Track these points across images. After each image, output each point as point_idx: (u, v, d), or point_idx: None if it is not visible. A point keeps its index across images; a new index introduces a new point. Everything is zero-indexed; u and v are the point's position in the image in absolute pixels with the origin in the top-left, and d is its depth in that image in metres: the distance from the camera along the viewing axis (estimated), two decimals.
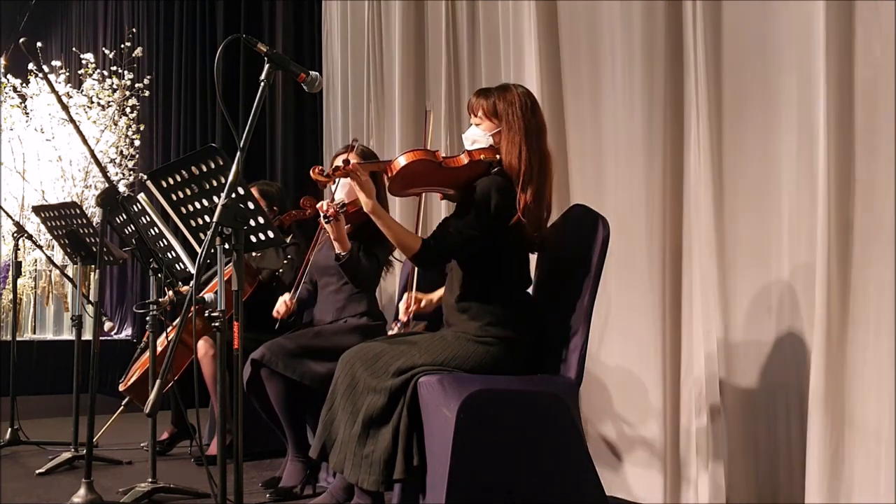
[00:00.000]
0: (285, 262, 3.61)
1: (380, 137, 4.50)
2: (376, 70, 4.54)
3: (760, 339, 2.56)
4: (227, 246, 2.04)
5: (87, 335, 4.63)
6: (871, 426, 2.15)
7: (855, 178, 2.20)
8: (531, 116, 2.38)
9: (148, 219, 3.01)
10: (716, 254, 2.64)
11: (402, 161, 2.35)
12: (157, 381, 1.88)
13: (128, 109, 6.34)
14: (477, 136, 2.43)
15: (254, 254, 3.61)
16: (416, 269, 2.75)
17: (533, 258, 2.57)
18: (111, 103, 6.29)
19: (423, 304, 2.77)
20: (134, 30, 6.80)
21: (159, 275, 2.92)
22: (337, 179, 2.68)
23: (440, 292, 2.68)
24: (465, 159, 2.37)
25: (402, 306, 2.77)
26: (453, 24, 3.85)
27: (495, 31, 3.61)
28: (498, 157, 2.38)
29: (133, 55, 6.35)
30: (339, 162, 3.10)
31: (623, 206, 2.94)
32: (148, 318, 2.90)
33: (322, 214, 2.72)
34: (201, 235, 2.41)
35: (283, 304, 3.15)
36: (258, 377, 2.94)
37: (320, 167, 2.47)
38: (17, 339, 4.12)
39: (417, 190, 2.55)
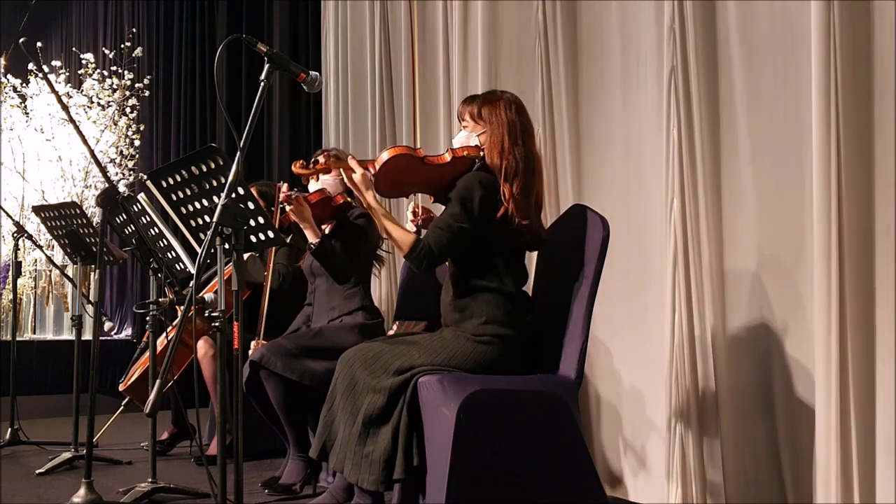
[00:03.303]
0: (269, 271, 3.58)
1: (383, 141, 4.48)
2: (382, 72, 4.50)
3: (756, 337, 2.56)
4: (227, 246, 2.05)
5: (87, 335, 4.64)
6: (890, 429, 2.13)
7: (875, 175, 2.19)
8: (515, 116, 2.43)
9: (148, 219, 3.01)
10: (717, 254, 2.64)
11: (384, 156, 2.38)
12: (157, 381, 1.88)
13: (128, 109, 6.34)
14: (464, 138, 2.48)
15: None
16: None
17: (531, 256, 2.57)
18: (111, 103, 6.29)
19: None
20: (134, 30, 6.80)
21: (159, 275, 2.92)
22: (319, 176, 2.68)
23: None
24: (448, 157, 2.42)
25: (409, 214, 2.72)
26: (462, 25, 3.83)
27: (503, 32, 3.60)
28: (482, 153, 2.42)
29: (133, 55, 6.35)
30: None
31: (630, 207, 2.94)
32: (148, 318, 2.90)
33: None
34: (201, 235, 2.41)
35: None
36: (257, 378, 2.94)
37: (302, 161, 2.47)
38: (17, 339, 4.11)
39: (404, 189, 2.57)
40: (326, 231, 3.12)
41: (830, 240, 2.17)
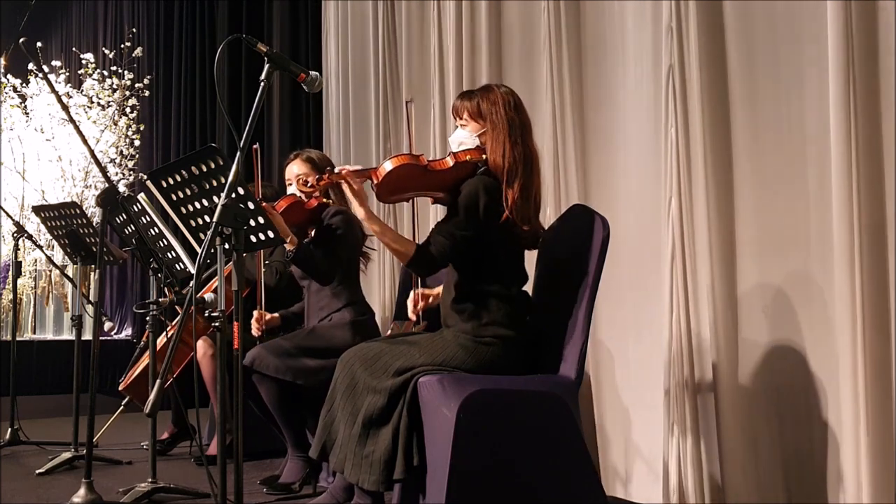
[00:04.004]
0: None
1: (386, 140, 4.48)
2: (387, 71, 4.49)
3: (756, 336, 2.56)
4: (227, 246, 2.05)
5: (87, 335, 4.64)
6: None
7: (885, 175, 2.19)
8: (515, 114, 2.41)
9: (148, 219, 3.01)
10: (717, 254, 2.63)
11: (387, 166, 2.37)
12: (157, 382, 1.88)
13: (128, 109, 6.34)
14: (463, 137, 2.46)
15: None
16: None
17: (531, 257, 2.57)
18: (111, 103, 6.29)
19: (430, 300, 2.72)
20: (134, 30, 6.81)
21: (159, 275, 2.92)
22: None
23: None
24: (450, 161, 2.40)
25: (409, 304, 2.74)
26: (468, 27, 3.82)
27: (511, 33, 3.60)
28: (484, 156, 2.41)
29: (133, 55, 6.35)
30: (290, 171, 3.16)
31: (634, 207, 2.94)
32: (148, 318, 2.90)
33: None
34: (201, 235, 2.41)
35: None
36: (250, 381, 2.94)
37: (304, 180, 2.48)
38: (17, 339, 4.12)
39: (405, 195, 2.56)
40: (312, 234, 3.13)
41: (853, 239, 2.16)
